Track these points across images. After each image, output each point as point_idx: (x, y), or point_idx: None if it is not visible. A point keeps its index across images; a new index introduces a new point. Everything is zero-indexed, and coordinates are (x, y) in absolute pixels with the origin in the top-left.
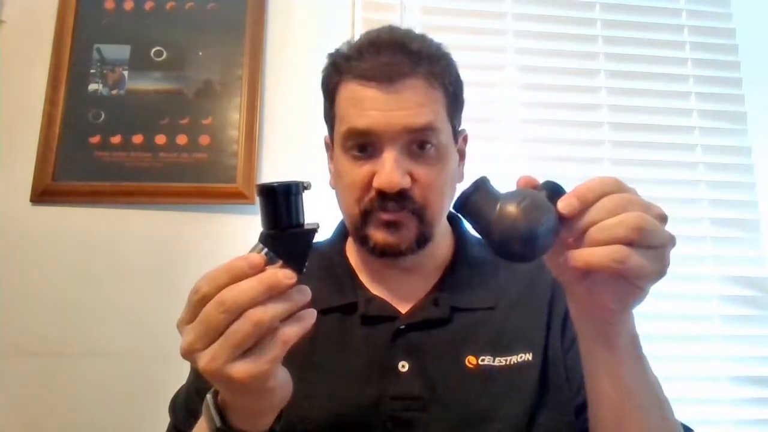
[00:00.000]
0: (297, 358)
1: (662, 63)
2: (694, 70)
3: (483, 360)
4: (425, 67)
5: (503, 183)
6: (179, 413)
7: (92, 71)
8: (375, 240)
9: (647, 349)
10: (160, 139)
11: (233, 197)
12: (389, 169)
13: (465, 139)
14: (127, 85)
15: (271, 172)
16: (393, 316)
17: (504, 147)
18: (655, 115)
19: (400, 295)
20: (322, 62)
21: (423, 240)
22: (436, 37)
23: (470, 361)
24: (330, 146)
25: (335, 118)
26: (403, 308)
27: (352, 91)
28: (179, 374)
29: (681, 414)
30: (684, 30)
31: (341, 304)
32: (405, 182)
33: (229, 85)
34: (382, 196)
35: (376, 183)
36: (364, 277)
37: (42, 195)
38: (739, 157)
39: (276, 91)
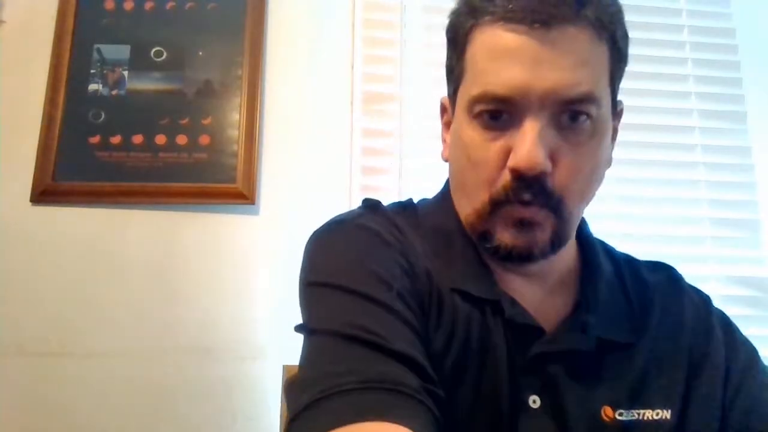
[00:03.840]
0: (454, 345)
1: (662, 63)
2: (694, 70)
3: (620, 414)
4: (593, 11)
5: None
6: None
7: (92, 71)
8: (501, 240)
9: None
10: (160, 139)
11: (233, 197)
12: (530, 146)
13: (620, 114)
14: (127, 85)
15: (271, 172)
16: (539, 329)
17: None
18: (655, 115)
19: (530, 301)
20: (322, 61)
21: (558, 242)
22: (437, 37)
23: (607, 413)
24: (447, 109)
25: (463, 75)
26: (540, 319)
27: (492, 37)
28: (179, 374)
29: None
30: (684, 30)
31: (487, 298)
32: (547, 166)
33: (229, 85)
34: (518, 179)
35: (512, 162)
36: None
37: (42, 195)
38: (739, 157)
39: (276, 91)
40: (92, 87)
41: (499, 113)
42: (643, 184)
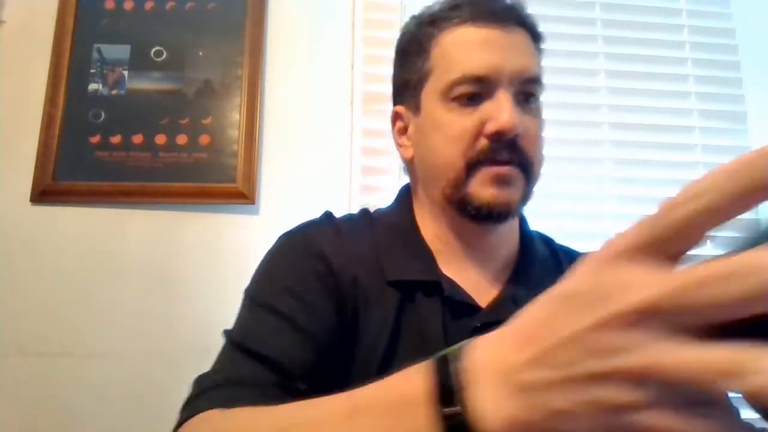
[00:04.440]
0: (383, 335)
1: (662, 63)
2: (694, 70)
3: None
4: (529, 20)
5: None
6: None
7: (92, 71)
8: (482, 198)
9: None
10: (160, 139)
11: (233, 197)
12: (509, 110)
13: None
14: (127, 85)
15: (271, 172)
16: (476, 307)
17: None
18: (655, 115)
19: (473, 283)
20: (322, 61)
21: (525, 201)
22: None
23: None
24: (402, 116)
25: (431, 73)
26: (479, 299)
27: (464, 34)
28: (179, 374)
29: None
30: (684, 30)
31: (426, 279)
32: (521, 127)
33: (229, 85)
34: (497, 141)
35: (493, 126)
36: (439, 258)
37: (42, 195)
38: None
39: (276, 91)
40: (92, 87)
41: (474, 94)
42: (643, 184)
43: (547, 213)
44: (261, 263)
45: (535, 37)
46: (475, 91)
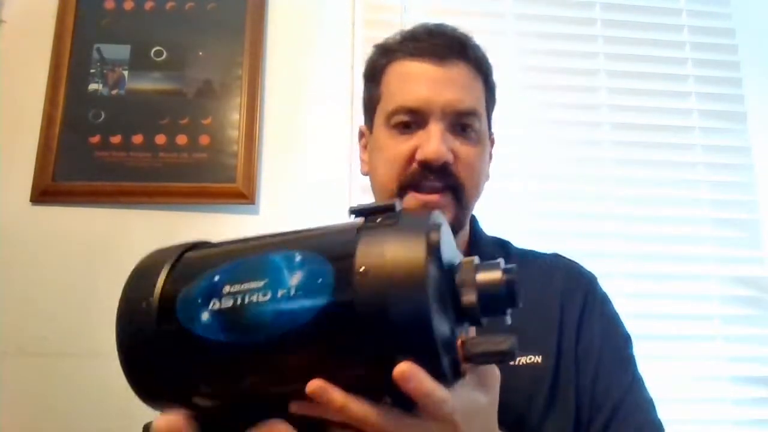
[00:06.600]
0: None
1: (662, 63)
2: (694, 70)
3: None
4: (472, 54)
5: (502, 183)
6: None
7: (92, 71)
8: None
9: (649, 348)
10: (160, 139)
11: (233, 197)
12: (437, 140)
13: (492, 141)
14: (127, 85)
15: (271, 172)
16: None
17: (504, 147)
18: (655, 115)
19: None
20: (322, 62)
21: (458, 225)
22: None
23: None
24: (365, 134)
25: (380, 99)
26: None
27: (402, 68)
28: None
29: (681, 414)
30: (684, 30)
31: None
32: (449, 156)
33: (229, 85)
34: (426, 168)
35: (421, 155)
36: None
37: (42, 195)
38: (739, 157)
39: (276, 91)
40: (92, 87)
41: (410, 123)
42: (643, 184)
43: (546, 213)
44: None
45: (480, 70)
46: (410, 120)
